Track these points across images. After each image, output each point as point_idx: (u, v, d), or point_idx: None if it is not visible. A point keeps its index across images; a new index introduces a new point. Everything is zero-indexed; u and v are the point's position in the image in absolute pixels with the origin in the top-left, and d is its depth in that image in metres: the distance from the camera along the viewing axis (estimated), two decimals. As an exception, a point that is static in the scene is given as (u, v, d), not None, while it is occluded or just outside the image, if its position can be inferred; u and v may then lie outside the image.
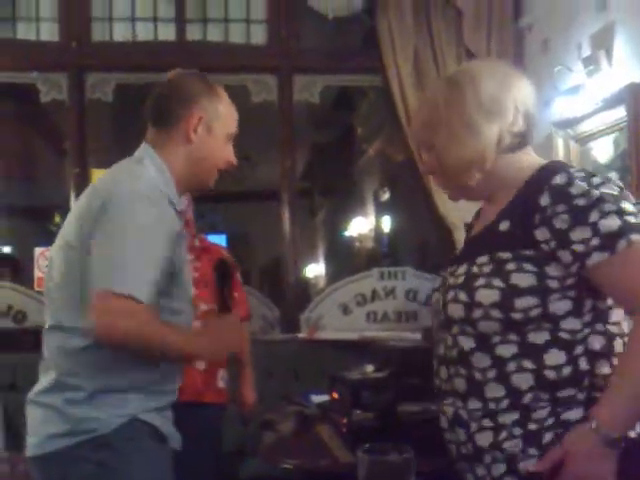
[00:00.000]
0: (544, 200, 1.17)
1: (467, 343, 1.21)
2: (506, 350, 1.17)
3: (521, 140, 1.30)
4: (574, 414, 1.16)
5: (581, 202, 1.14)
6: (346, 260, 8.20)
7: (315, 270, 9.42)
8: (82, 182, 3.61)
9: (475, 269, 1.21)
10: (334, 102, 5.59)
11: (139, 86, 3.65)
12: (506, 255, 1.19)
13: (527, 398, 1.16)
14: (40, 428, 1.49)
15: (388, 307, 3.87)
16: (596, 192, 1.15)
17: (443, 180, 1.36)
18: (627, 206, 1.15)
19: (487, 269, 1.19)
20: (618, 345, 1.19)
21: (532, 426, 1.16)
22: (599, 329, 1.19)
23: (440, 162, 1.32)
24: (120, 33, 3.86)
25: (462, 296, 1.20)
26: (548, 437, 1.15)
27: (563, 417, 1.16)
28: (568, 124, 3.01)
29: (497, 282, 1.17)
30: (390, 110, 3.64)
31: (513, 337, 1.17)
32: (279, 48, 3.85)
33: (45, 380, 1.51)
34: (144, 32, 3.88)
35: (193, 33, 3.90)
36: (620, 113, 2.64)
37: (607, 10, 2.74)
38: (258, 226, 7.54)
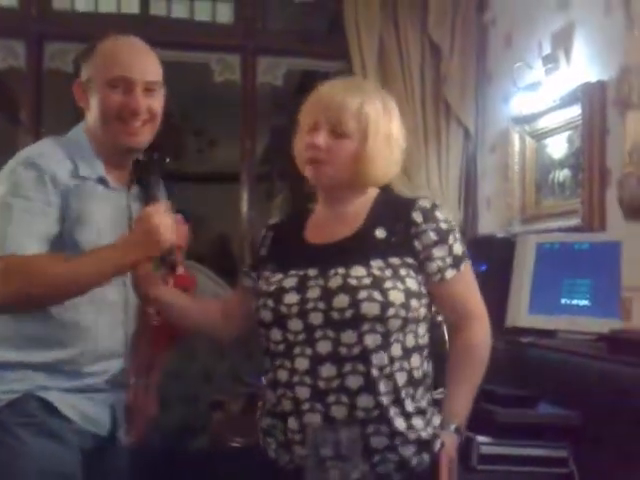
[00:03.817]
0: (417, 217, 1.41)
1: (374, 340, 1.31)
2: (396, 350, 1.34)
3: None
4: (437, 419, 1.40)
5: (444, 226, 1.41)
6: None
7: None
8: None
9: (377, 272, 1.34)
10: (297, 87, 5.55)
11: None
12: (397, 261, 1.37)
13: (402, 394, 1.34)
14: None
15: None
16: (452, 221, 1.45)
17: (331, 167, 1.43)
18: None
19: (388, 273, 1.35)
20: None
21: (423, 434, 1.35)
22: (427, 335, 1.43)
23: (360, 160, 1.43)
24: (82, 3, 3.76)
25: (377, 295, 1.31)
26: (435, 444, 1.36)
27: (435, 423, 1.39)
28: (525, 120, 3.07)
29: (399, 284, 1.34)
30: (353, 97, 3.64)
31: (401, 337, 1.35)
32: (244, 28, 3.81)
33: None
34: (107, 3, 3.79)
35: (158, 8, 3.82)
36: (575, 112, 2.70)
37: (568, 9, 2.80)
38: (216, 208, 7.45)
